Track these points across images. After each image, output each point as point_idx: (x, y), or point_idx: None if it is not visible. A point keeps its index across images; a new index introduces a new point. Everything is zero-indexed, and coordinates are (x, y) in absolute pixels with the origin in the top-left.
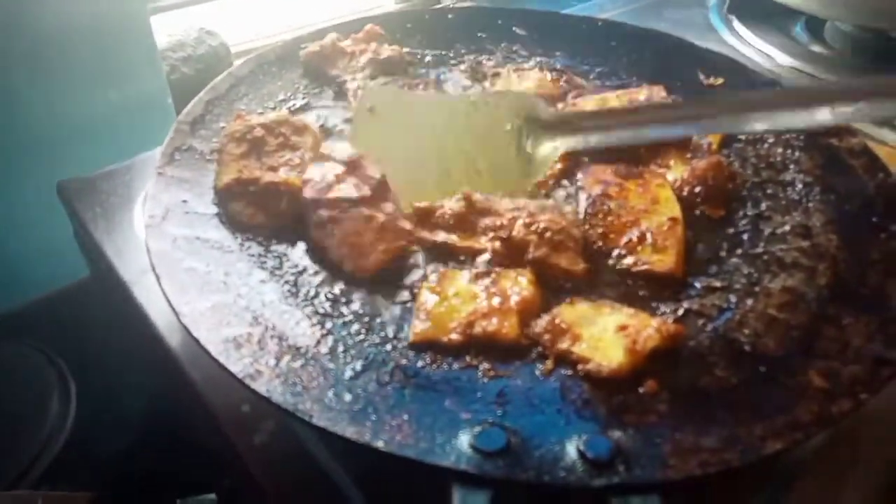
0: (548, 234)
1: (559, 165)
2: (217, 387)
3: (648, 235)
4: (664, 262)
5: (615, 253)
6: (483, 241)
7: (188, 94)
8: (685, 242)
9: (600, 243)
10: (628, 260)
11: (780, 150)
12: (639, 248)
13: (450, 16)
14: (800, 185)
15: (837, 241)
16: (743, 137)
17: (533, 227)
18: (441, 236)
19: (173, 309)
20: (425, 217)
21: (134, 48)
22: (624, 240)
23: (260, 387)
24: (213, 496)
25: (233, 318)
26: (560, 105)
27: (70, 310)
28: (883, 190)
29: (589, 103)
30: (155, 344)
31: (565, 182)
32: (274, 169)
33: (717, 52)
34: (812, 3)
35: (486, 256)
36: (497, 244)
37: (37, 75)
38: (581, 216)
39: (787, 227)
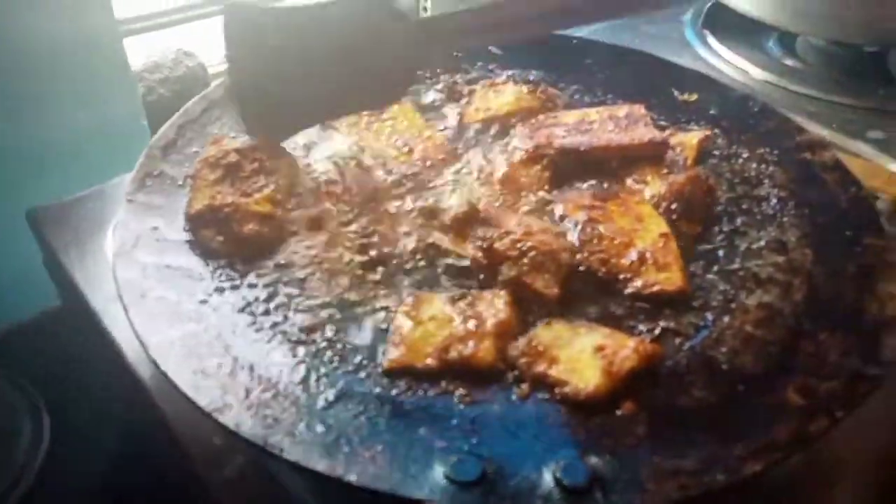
0: (531, 254)
1: (541, 194)
2: (187, 419)
3: (648, 255)
4: (671, 279)
5: (622, 277)
6: (469, 249)
7: (165, 116)
8: (682, 256)
9: (603, 269)
10: (637, 283)
11: (754, 165)
12: (642, 269)
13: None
14: (774, 200)
15: (812, 255)
16: (717, 153)
17: (519, 245)
18: (435, 236)
19: (140, 340)
20: (430, 216)
21: (106, 70)
22: (625, 263)
23: (228, 420)
24: None
25: (203, 349)
26: (541, 117)
27: (43, 338)
28: (855, 204)
29: (569, 116)
30: (125, 375)
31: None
32: (247, 195)
33: (690, 68)
34: (784, 18)
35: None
36: (479, 254)
37: (3, 99)
38: (574, 245)
39: (762, 243)
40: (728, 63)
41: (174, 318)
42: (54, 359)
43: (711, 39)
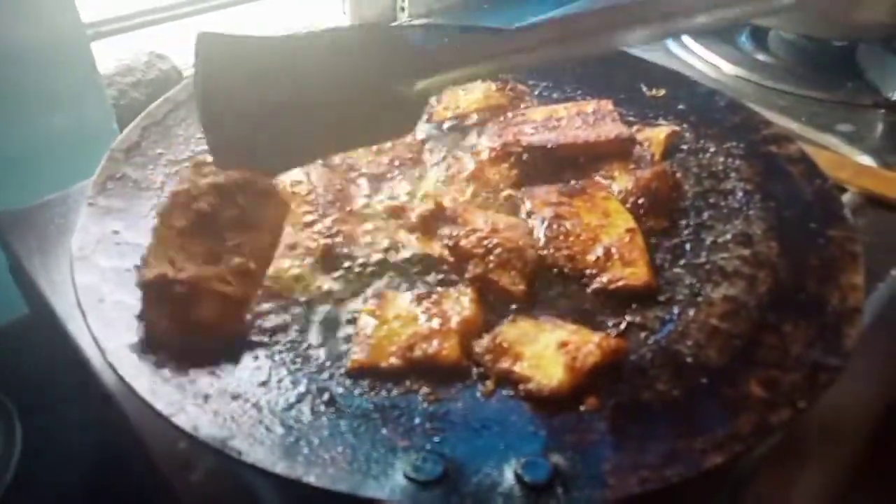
0: (497, 251)
1: (509, 191)
2: (151, 424)
3: (613, 250)
4: (637, 274)
5: (588, 272)
6: (436, 247)
7: None
8: (648, 250)
9: (570, 265)
10: (603, 278)
11: (721, 159)
12: (608, 264)
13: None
14: (740, 194)
15: (777, 248)
16: (685, 147)
17: (485, 242)
18: (401, 235)
19: (98, 345)
20: (396, 215)
21: (74, 74)
22: (591, 258)
23: (186, 423)
24: None
25: (163, 352)
26: (510, 115)
27: (13, 347)
28: (820, 196)
29: (537, 113)
30: (91, 381)
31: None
32: (214, 259)
33: (658, 64)
34: None
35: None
36: (445, 252)
37: None
38: (541, 241)
39: (728, 236)
40: (699, 58)
41: (133, 322)
42: (25, 366)
43: (683, 35)
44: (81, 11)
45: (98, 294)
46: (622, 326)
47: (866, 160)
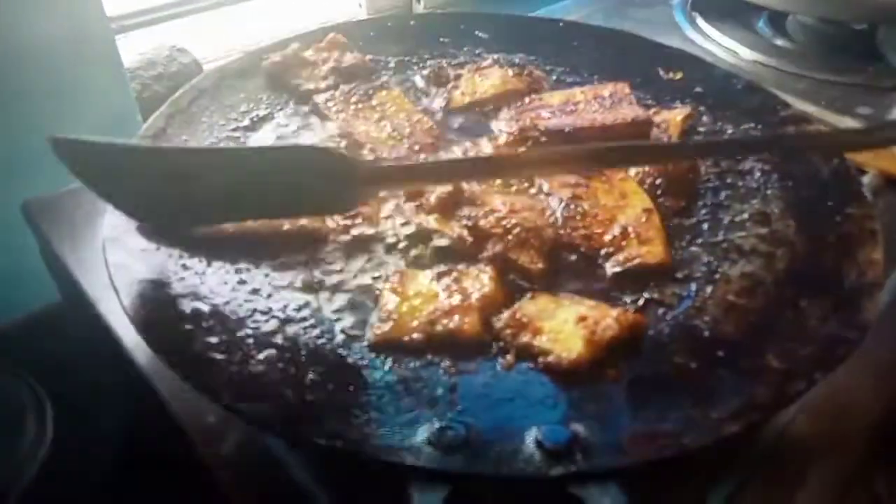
0: (515, 231)
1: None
2: (182, 397)
3: (630, 230)
4: (653, 252)
5: (603, 252)
6: (455, 227)
7: None
8: (665, 230)
9: (587, 244)
10: (619, 257)
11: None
12: (624, 243)
13: (412, 22)
14: (758, 174)
15: (795, 226)
16: (702, 129)
17: (504, 223)
18: (420, 216)
19: (132, 322)
20: (415, 197)
21: (100, 69)
22: (608, 238)
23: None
24: None
25: None
26: (527, 100)
27: (45, 332)
28: (838, 174)
29: (554, 97)
30: (123, 361)
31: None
32: None
33: (675, 47)
34: None
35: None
36: (464, 232)
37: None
38: (558, 221)
39: (745, 215)
40: (718, 44)
41: (165, 299)
42: (57, 351)
43: (701, 21)
44: (105, 6)
45: (130, 273)
46: (640, 303)
47: None
